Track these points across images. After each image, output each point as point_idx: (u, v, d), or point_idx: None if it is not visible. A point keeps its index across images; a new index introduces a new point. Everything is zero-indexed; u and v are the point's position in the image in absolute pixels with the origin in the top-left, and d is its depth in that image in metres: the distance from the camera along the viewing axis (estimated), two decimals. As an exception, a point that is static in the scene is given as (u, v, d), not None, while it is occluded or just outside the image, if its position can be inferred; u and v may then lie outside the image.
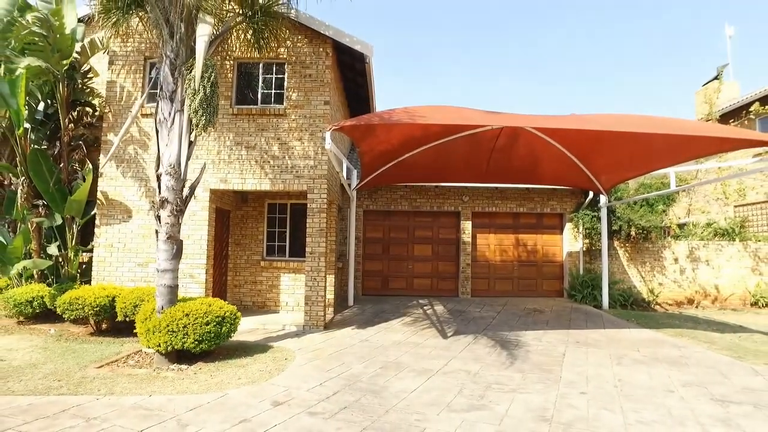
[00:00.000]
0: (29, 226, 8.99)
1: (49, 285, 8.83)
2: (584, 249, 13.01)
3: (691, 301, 12.93)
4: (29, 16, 8.40)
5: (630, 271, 12.98)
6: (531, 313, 10.58)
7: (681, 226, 14.44)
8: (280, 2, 7.95)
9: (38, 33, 8.49)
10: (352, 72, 10.24)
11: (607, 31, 54.55)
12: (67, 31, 8.94)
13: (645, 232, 12.67)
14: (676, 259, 13.07)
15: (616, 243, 12.97)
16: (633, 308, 12.17)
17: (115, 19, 7.90)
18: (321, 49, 8.86)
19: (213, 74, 6.40)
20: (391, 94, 52.86)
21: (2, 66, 8.28)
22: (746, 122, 15.41)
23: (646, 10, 53.24)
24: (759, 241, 13.39)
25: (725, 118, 16.59)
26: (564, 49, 57.09)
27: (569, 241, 13.20)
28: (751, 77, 46.04)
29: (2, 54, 8.20)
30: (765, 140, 6.57)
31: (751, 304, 12.88)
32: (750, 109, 15.04)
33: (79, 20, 9.53)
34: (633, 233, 12.59)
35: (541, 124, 7.51)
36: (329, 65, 8.81)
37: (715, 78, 17.71)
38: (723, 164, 10.35)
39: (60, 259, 9.23)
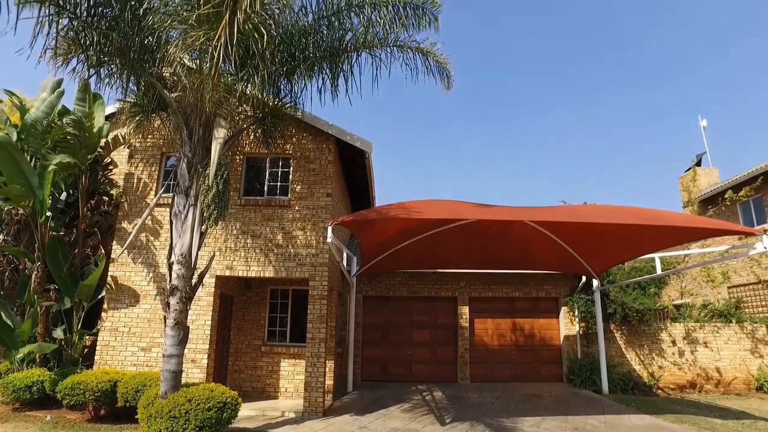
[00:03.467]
0: (38, 309, 9.28)
1: (50, 369, 8.91)
2: (581, 332, 13.13)
3: (693, 385, 12.80)
4: (66, 119, 9.36)
5: (628, 354, 13.00)
6: (530, 399, 10.52)
7: (677, 307, 14.65)
8: (288, 105, 8.94)
9: (71, 132, 9.40)
10: (352, 164, 11.08)
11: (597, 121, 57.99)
12: (95, 130, 9.88)
13: (640, 314, 12.86)
14: (673, 342, 13.13)
15: (612, 326, 13.12)
16: (634, 393, 12.05)
17: (139, 119, 8.87)
18: (324, 146, 9.73)
19: (226, 172, 7.09)
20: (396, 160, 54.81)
21: (38, 161, 9.09)
22: (723, 208, 16.19)
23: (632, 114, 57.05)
24: (755, 322, 13.52)
25: (705, 203, 17.42)
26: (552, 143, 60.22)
27: (565, 325, 13.35)
28: (732, 162, 48.21)
29: (39, 152, 9.05)
30: (729, 229, 7.17)
31: (756, 389, 12.73)
32: (725, 196, 15.88)
33: (105, 118, 10.52)
34: (628, 316, 12.78)
35: (531, 218, 8.11)
36: (331, 160, 9.64)
37: (690, 168, 18.81)
38: (704, 250, 10.88)
39: (64, 343, 9.40)
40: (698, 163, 18.95)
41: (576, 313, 13.14)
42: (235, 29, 5.71)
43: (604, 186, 53.07)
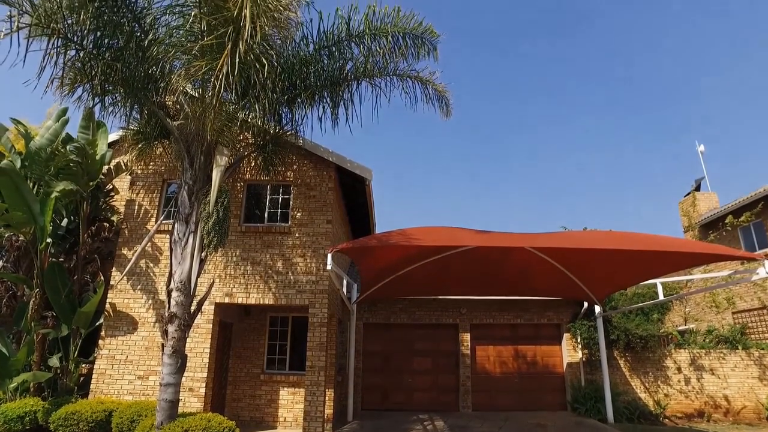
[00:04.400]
0: (35, 337, 9.18)
1: (44, 398, 8.77)
2: (584, 360, 12.93)
3: (701, 414, 12.52)
4: (70, 146, 9.48)
5: (633, 381, 12.77)
6: (533, 429, 10.29)
7: (681, 333, 14.46)
8: (289, 133, 9.05)
9: (74, 159, 9.49)
10: (353, 190, 11.15)
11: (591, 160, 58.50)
12: (98, 157, 9.98)
13: (644, 341, 12.68)
14: (679, 369, 12.91)
15: (615, 353, 12.93)
16: (640, 421, 11.79)
17: (141, 146, 8.97)
18: (324, 173, 9.81)
19: (226, 199, 7.13)
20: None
21: (40, 188, 9.16)
22: (724, 233, 16.16)
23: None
24: (762, 349, 13.30)
25: (706, 228, 17.39)
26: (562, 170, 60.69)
27: (568, 352, 13.16)
28: (731, 186, 48.42)
29: (42, 179, 9.13)
30: (729, 255, 7.12)
31: (767, 419, 12.45)
32: (725, 221, 15.88)
33: (109, 145, 10.64)
34: (632, 343, 12.61)
35: (531, 244, 8.11)
36: (332, 187, 9.70)
37: (689, 193, 18.87)
38: (707, 275, 10.80)
39: (59, 371, 9.27)
40: (697, 188, 19.00)
41: (579, 340, 12.97)
42: (237, 59, 5.82)
43: (603, 211, 53.16)
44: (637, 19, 50.63)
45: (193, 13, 6.83)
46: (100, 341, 9.09)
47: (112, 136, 10.71)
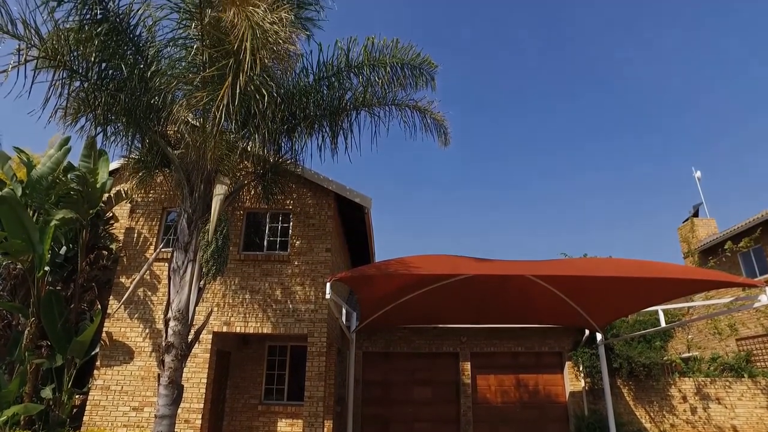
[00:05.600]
0: (28, 367, 9.04)
1: (35, 432, 8.59)
2: (587, 388, 12.71)
3: (709, 445, 12.24)
4: (71, 174, 9.55)
5: (637, 411, 12.51)
6: (537, 462, 10.03)
7: (685, 361, 14.24)
8: (288, 161, 9.13)
9: (74, 188, 9.54)
10: (352, 218, 11.17)
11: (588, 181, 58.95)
12: (99, 185, 10.04)
13: (647, 369, 12.49)
14: (684, 398, 12.66)
15: (618, 381, 12.71)
16: (646, 454, 11.50)
17: (142, 175, 9.03)
18: (324, 201, 9.85)
19: (226, 228, 7.14)
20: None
21: (40, 216, 9.18)
22: (724, 259, 16.11)
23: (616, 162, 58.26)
24: (768, 377, 13.10)
25: (706, 254, 17.35)
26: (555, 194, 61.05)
27: (570, 381, 12.94)
28: (728, 211, 48.58)
29: (42, 207, 9.16)
30: (729, 281, 7.09)
31: (778, 451, 12.15)
32: (725, 247, 15.86)
33: (109, 173, 10.71)
34: (635, 371, 12.41)
35: (531, 272, 8.07)
36: (331, 215, 9.73)
37: (688, 219, 18.91)
38: (708, 302, 10.73)
39: (52, 403, 9.09)
40: (695, 214, 19.05)
41: (581, 368, 12.77)
42: (238, 90, 5.92)
43: (602, 237, 53.17)
44: (626, 34, 51.80)
45: (195, 46, 7.00)
46: (95, 371, 8.94)
47: (114, 165, 10.79)
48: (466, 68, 60.51)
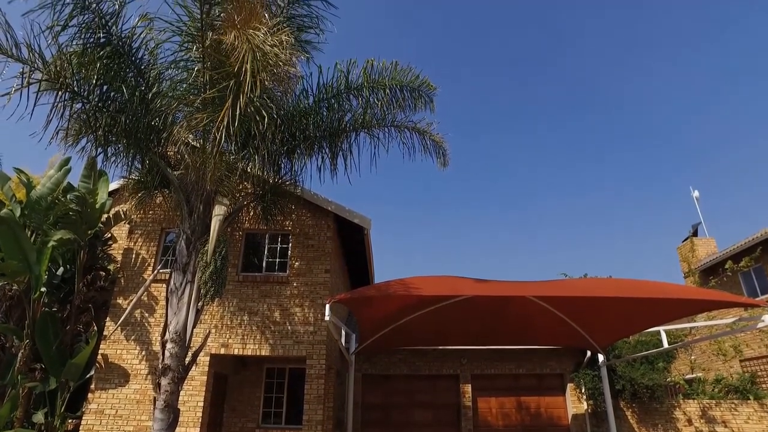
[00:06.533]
0: (20, 391, 8.87)
1: (25, 459, 8.38)
2: (589, 411, 12.49)
3: (718, 472, 11.96)
4: (70, 195, 9.55)
5: (642, 434, 12.27)
6: (541, 488, 9.79)
7: (689, 382, 14.04)
8: (288, 182, 9.14)
9: (73, 208, 9.53)
10: (351, 239, 11.14)
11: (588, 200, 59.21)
12: (98, 206, 10.03)
13: (650, 391, 12.29)
14: (689, 421, 12.43)
15: (621, 404, 12.50)
16: (652, 479, 11.23)
17: (141, 195, 9.03)
18: (323, 222, 9.83)
19: (224, 249, 7.09)
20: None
21: (38, 237, 9.14)
22: (725, 278, 16.04)
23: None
24: (775, 399, 12.88)
25: (706, 273, 17.27)
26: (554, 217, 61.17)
27: (573, 403, 12.73)
28: (727, 230, 48.65)
29: (40, 227, 9.13)
30: (731, 301, 7.06)
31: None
32: (725, 267, 15.81)
33: (109, 194, 10.70)
34: (638, 393, 12.22)
35: (531, 293, 8.02)
36: (330, 236, 9.70)
37: (687, 238, 18.90)
38: (711, 322, 10.63)
39: (44, 428, 8.89)
40: (695, 233, 19.04)
41: (583, 390, 12.57)
42: (238, 112, 5.96)
43: (602, 258, 53.09)
44: (622, 62, 52.59)
45: (196, 68, 7.08)
46: (90, 395, 8.78)
47: (113, 185, 10.80)
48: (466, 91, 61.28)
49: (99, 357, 9.03)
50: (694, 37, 49.58)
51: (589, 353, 12.43)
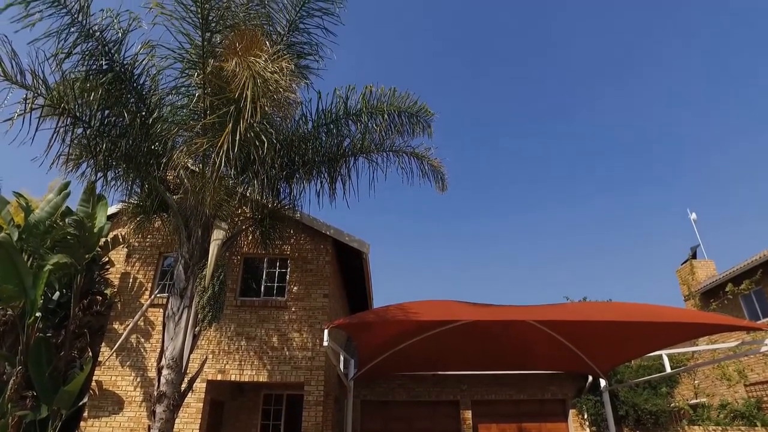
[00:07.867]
0: (9, 420, 8.66)
1: (12, 492, 8.13)
2: (593, 438, 12.25)
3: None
4: (68, 219, 9.54)
5: (648, 464, 12.01)
6: None
7: (693, 408, 13.80)
8: (287, 207, 9.15)
9: (71, 232, 9.50)
10: (349, 264, 11.09)
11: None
12: (96, 230, 10.00)
13: (654, 417, 12.09)
14: (695, 449, 12.19)
15: (625, 430, 12.27)
16: None
17: (140, 219, 9.03)
18: (322, 246, 9.81)
19: (223, 274, 7.05)
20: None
21: (35, 261, 9.09)
22: (726, 301, 15.94)
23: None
24: (782, 425, 12.64)
25: (707, 296, 17.17)
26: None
27: (575, 430, 12.49)
28: (727, 252, 48.62)
29: (37, 252, 9.09)
30: (732, 325, 7.00)
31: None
32: (726, 289, 15.74)
33: (108, 218, 10.68)
34: (642, 419, 12.00)
35: (531, 317, 7.95)
36: (329, 261, 9.66)
37: (686, 261, 18.86)
38: (713, 346, 10.51)
39: (33, 459, 8.67)
40: (693, 256, 19.01)
41: (585, 416, 12.35)
42: (237, 137, 6.01)
43: (602, 280, 52.88)
44: (620, 94, 53.40)
45: (197, 94, 7.16)
46: (82, 423, 8.60)
47: (112, 209, 10.79)
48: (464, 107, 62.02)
49: (93, 384, 8.87)
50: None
51: (590, 378, 12.26)
